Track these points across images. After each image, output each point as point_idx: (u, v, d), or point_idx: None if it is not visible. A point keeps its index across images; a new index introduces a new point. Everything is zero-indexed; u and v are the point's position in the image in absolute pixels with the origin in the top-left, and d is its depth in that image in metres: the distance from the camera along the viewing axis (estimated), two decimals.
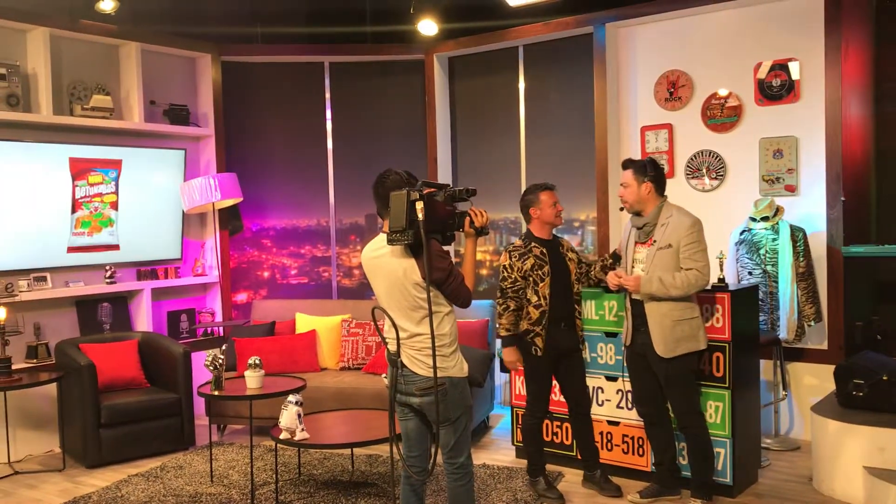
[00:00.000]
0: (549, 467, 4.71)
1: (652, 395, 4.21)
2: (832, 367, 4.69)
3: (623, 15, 5.91)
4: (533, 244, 4.33)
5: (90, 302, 5.99)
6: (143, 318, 6.21)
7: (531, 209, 4.37)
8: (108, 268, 6.05)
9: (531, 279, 4.28)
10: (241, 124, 6.96)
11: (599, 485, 4.49)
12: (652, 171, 4.07)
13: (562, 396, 4.57)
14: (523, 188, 6.63)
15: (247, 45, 6.85)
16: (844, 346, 5.14)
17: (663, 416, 4.26)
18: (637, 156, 5.86)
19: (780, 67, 5.38)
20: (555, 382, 4.49)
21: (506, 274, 4.32)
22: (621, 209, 4.24)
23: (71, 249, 5.84)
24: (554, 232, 4.45)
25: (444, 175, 6.96)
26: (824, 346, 5.25)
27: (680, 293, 3.94)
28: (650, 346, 4.05)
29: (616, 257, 4.42)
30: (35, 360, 5.57)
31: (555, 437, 4.92)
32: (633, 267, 4.16)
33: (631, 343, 4.23)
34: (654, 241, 4.04)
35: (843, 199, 5.13)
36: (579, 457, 4.63)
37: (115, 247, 6.11)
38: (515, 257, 4.31)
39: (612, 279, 4.18)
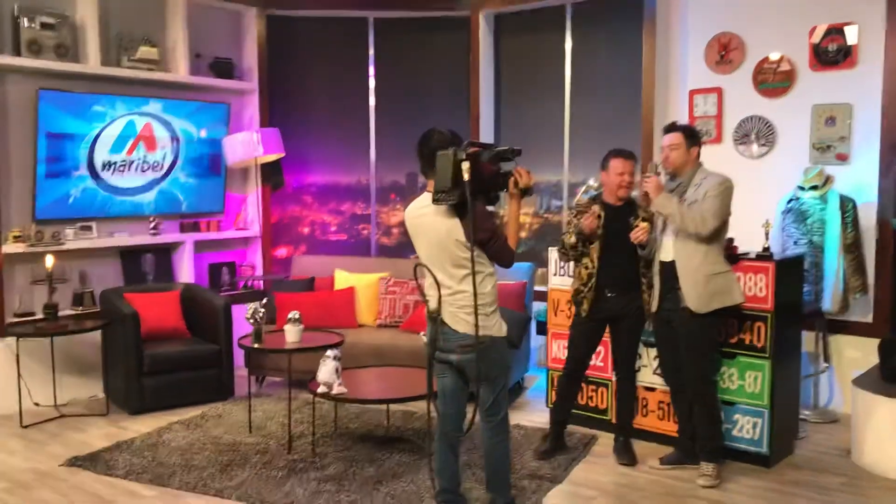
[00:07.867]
0: (583, 430, 4.76)
1: (678, 363, 4.17)
2: (876, 341, 4.61)
3: None
4: (595, 205, 4.25)
5: (134, 252, 6.09)
6: (186, 270, 6.31)
7: (602, 172, 4.28)
8: (151, 219, 6.14)
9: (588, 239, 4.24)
10: (284, 79, 6.96)
11: (618, 451, 4.45)
12: (699, 137, 4.10)
13: (598, 360, 4.57)
14: (566, 150, 6.60)
15: None
16: (890, 319, 5.04)
17: None
18: (684, 120, 5.75)
19: (837, 32, 5.21)
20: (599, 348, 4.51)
21: (567, 229, 4.31)
22: (648, 176, 4.04)
23: (118, 194, 5.95)
24: (634, 198, 4.26)
25: (486, 135, 6.90)
26: (869, 319, 5.15)
27: (681, 220, 3.87)
28: (675, 312, 4.03)
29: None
30: (80, 308, 5.70)
31: (590, 401, 4.93)
32: (663, 230, 4.09)
33: (658, 310, 4.18)
34: (686, 200, 3.96)
35: None
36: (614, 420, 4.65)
37: (160, 193, 6.21)
38: (574, 213, 4.30)
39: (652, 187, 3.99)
